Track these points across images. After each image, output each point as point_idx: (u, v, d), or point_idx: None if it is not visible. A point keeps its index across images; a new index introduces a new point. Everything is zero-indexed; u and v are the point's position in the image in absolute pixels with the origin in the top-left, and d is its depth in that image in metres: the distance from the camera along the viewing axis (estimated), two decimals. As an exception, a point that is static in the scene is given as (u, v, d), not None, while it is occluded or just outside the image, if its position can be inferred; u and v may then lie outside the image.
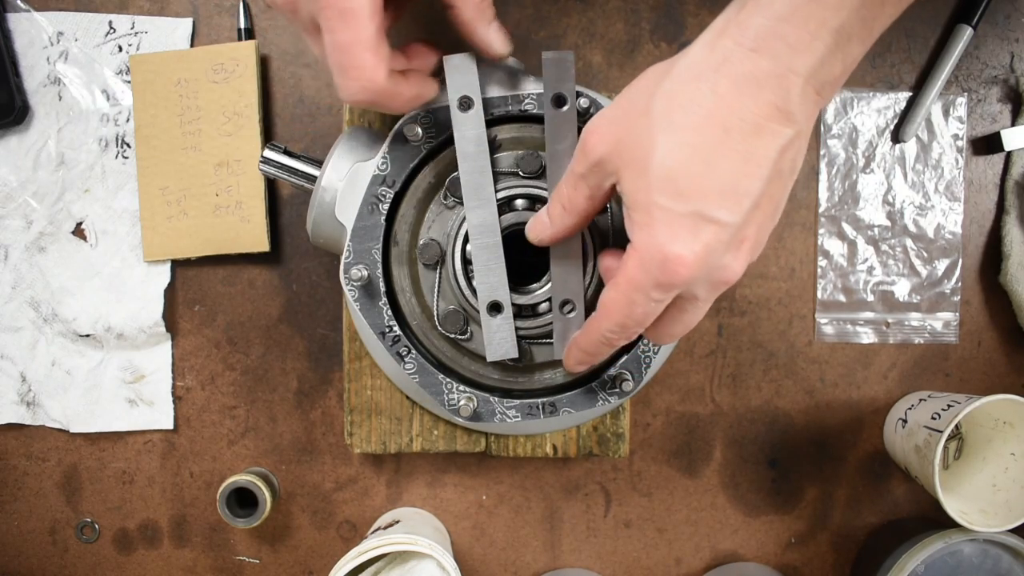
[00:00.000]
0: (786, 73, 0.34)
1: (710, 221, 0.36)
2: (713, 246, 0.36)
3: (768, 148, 0.35)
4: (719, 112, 0.35)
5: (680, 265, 0.36)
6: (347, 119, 0.58)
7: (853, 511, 0.65)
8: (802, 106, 0.35)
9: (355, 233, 0.47)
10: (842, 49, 0.35)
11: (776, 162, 0.36)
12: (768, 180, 0.36)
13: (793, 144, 0.36)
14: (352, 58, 0.40)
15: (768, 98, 0.35)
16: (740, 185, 0.35)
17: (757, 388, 0.64)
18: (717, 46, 0.35)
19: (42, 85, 0.61)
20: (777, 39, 0.34)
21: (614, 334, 0.40)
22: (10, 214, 0.61)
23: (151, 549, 0.64)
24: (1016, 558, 0.58)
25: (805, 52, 0.34)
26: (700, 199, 0.35)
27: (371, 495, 0.64)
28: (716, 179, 0.35)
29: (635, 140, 0.37)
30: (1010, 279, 0.62)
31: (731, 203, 0.36)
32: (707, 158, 0.35)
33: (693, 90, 0.35)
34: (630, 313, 0.39)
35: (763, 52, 0.34)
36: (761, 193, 0.36)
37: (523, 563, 0.65)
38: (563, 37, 0.62)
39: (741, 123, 0.35)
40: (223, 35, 0.61)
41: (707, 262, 0.36)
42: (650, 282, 0.37)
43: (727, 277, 0.38)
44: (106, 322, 0.61)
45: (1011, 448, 0.59)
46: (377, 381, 0.58)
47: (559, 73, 0.44)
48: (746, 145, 0.35)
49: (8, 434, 0.63)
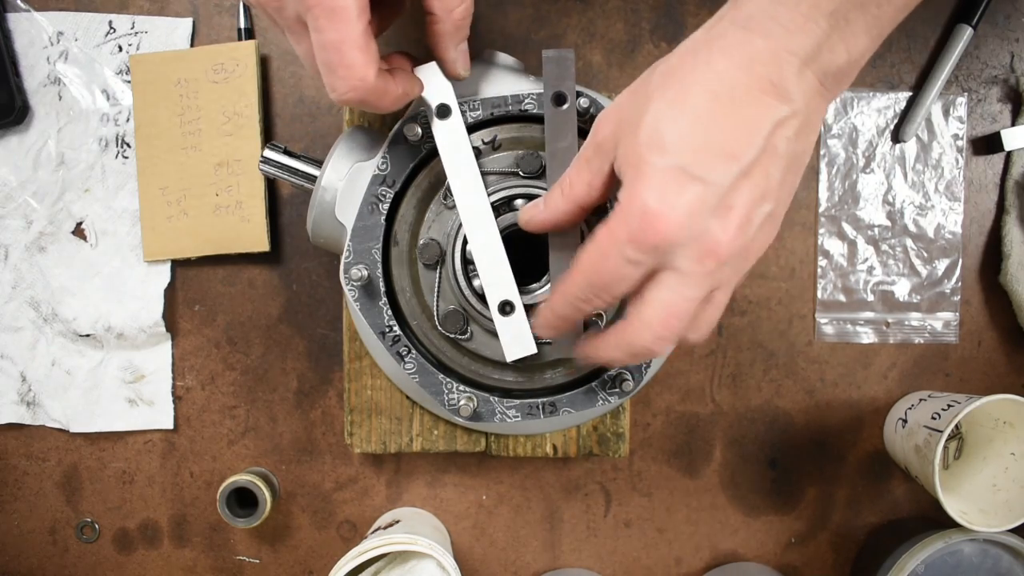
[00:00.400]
0: (780, 51, 0.34)
1: (694, 178, 0.35)
2: (696, 207, 0.35)
3: (760, 119, 0.35)
4: (711, 81, 0.35)
5: (658, 219, 0.35)
6: (347, 119, 0.58)
7: (853, 511, 0.65)
8: (800, 87, 0.35)
9: (355, 233, 0.47)
10: (842, 36, 0.35)
11: (769, 135, 0.35)
12: (761, 151, 0.35)
13: (789, 123, 0.35)
14: (342, 57, 0.40)
15: (761, 71, 0.35)
16: (728, 146, 0.35)
17: (757, 388, 0.64)
18: (715, 27, 0.36)
19: (42, 85, 0.61)
20: (771, 20, 0.34)
21: (583, 293, 0.38)
22: (10, 214, 0.61)
23: (151, 549, 0.64)
24: (1016, 558, 0.58)
25: (799, 33, 0.34)
26: (686, 154, 0.35)
27: (371, 495, 0.64)
28: (703, 137, 0.35)
29: (633, 112, 0.37)
30: (1010, 279, 0.62)
31: (718, 162, 0.35)
32: (696, 118, 0.35)
33: (688, 63, 0.36)
34: (601, 268, 0.37)
35: (757, 31, 0.35)
36: (752, 162, 0.35)
37: (523, 563, 0.65)
38: (563, 37, 0.62)
39: (732, 91, 0.35)
40: (223, 35, 0.61)
41: (689, 223, 0.35)
42: (626, 235, 0.35)
43: (710, 245, 0.35)
44: (106, 322, 0.61)
45: (1011, 448, 0.59)
46: (377, 381, 0.58)
47: (559, 71, 0.44)
48: (737, 111, 0.35)
49: (8, 434, 0.63)
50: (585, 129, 0.46)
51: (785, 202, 0.38)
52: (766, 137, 0.35)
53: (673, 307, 0.37)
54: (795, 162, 0.37)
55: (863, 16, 0.35)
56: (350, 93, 0.41)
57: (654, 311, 0.37)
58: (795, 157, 0.37)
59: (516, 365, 0.48)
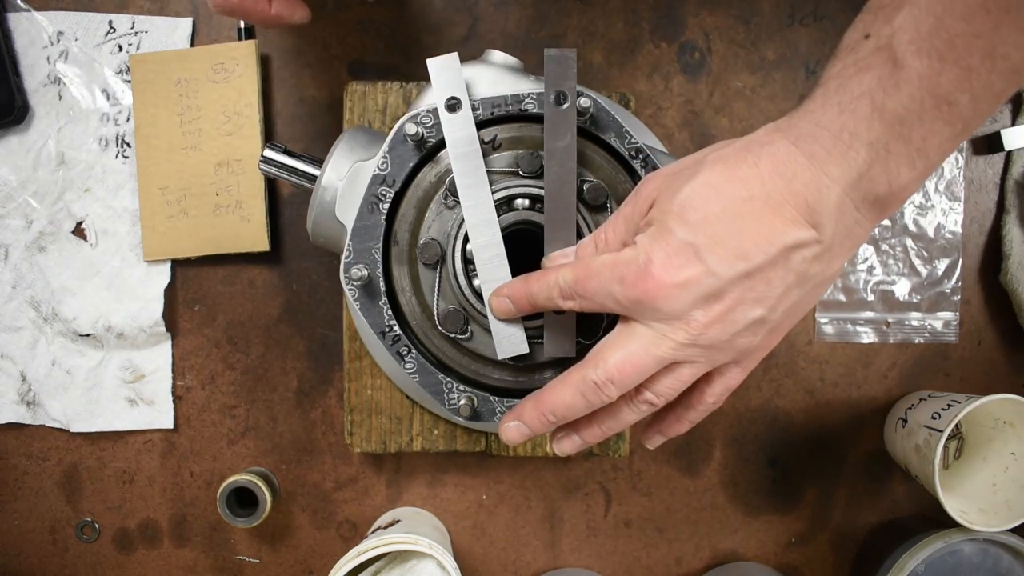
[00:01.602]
0: (821, 175, 0.35)
1: (700, 260, 0.36)
2: (691, 284, 0.36)
3: (781, 233, 0.36)
4: (752, 181, 0.36)
5: (653, 279, 0.37)
6: (347, 119, 0.58)
7: (853, 511, 0.65)
8: (833, 216, 0.36)
9: (355, 232, 0.47)
10: (884, 166, 0.35)
11: (785, 250, 0.36)
12: (770, 261, 0.36)
13: (810, 247, 0.36)
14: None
15: (800, 189, 0.35)
16: (741, 247, 0.36)
17: (757, 388, 0.64)
18: (772, 134, 0.37)
19: (42, 85, 0.61)
20: (815, 142, 0.35)
21: (559, 290, 0.40)
22: (10, 214, 0.61)
23: (151, 549, 0.64)
24: (1016, 558, 0.58)
25: (840, 160, 0.35)
26: (702, 237, 0.36)
27: (371, 494, 0.64)
28: (723, 230, 0.36)
29: (677, 181, 0.38)
30: (1010, 279, 0.62)
31: (726, 256, 0.36)
32: (725, 209, 0.36)
33: (739, 157, 0.37)
34: (584, 282, 0.39)
35: (801, 148, 0.36)
36: (757, 267, 0.36)
37: (523, 562, 0.65)
38: (563, 37, 0.62)
39: (767, 199, 0.36)
40: (223, 35, 0.61)
41: (677, 294, 0.37)
42: (619, 276, 0.38)
43: (687, 319, 0.37)
44: (106, 321, 0.61)
45: (1011, 448, 0.59)
46: (377, 381, 0.58)
47: (561, 70, 0.44)
48: (762, 218, 0.36)
49: (8, 434, 0.63)
50: (585, 129, 0.46)
51: (785, 314, 0.39)
52: (780, 251, 0.36)
53: (631, 359, 0.39)
54: (807, 281, 0.37)
55: (905, 148, 0.35)
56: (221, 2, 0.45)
57: (612, 354, 0.39)
58: (808, 277, 0.37)
59: (515, 365, 0.48)
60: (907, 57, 0.34)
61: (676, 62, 0.62)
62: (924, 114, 0.34)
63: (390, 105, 0.58)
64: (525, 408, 0.43)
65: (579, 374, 0.40)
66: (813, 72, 0.62)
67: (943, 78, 0.33)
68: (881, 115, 0.34)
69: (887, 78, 0.34)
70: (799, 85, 0.63)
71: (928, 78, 0.34)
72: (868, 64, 0.35)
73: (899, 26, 0.34)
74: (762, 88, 0.63)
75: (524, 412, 0.43)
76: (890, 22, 0.34)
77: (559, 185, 0.45)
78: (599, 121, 0.47)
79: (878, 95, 0.34)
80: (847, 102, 0.35)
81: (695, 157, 0.39)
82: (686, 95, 0.62)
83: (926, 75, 0.34)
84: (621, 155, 0.47)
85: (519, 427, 0.43)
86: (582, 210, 0.46)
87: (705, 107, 0.63)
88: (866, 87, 0.34)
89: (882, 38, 0.34)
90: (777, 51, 0.62)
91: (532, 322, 0.47)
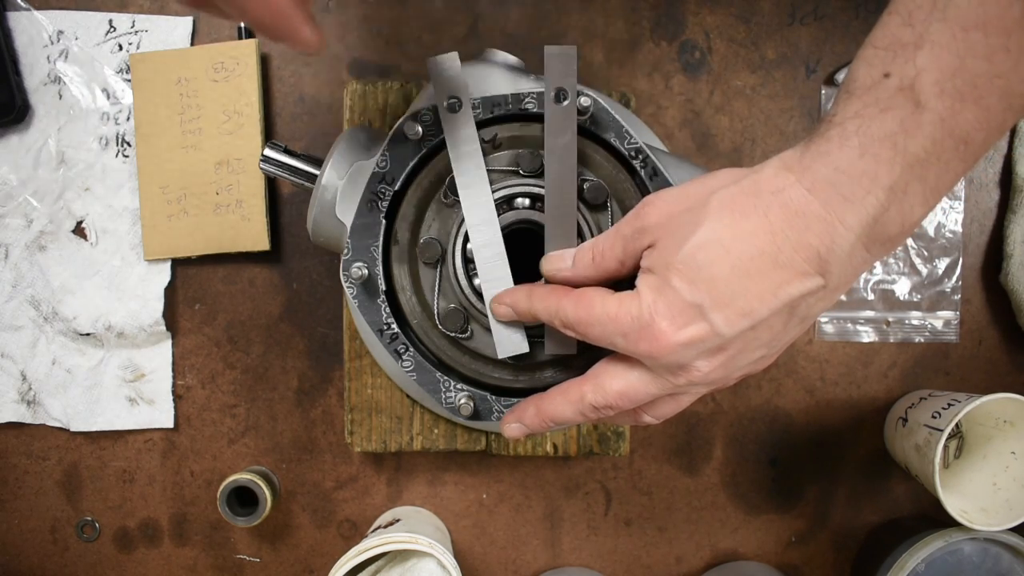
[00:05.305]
0: (836, 223, 0.34)
1: (705, 320, 0.36)
2: (695, 341, 0.37)
3: (791, 287, 0.36)
4: (762, 234, 0.35)
5: (657, 336, 0.37)
6: (347, 118, 0.58)
7: (853, 510, 0.65)
8: (845, 263, 0.35)
9: (354, 230, 0.47)
10: (900, 208, 0.34)
11: (793, 301, 0.36)
12: (776, 312, 0.36)
13: (816, 293, 0.36)
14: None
15: (811, 241, 0.35)
16: (748, 306, 0.36)
17: (757, 387, 0.64)
18: (783, 175, 0.36)
19: (42, 84, 0.61)
20: (832, 187, 0.34)
21: (558, 318, 0.41)
22: (10, 213, 0.61)
23: (151, 548, 0.64)
24: (1016, 557, 0.58)
25: (858, 206, 0.34)
26: (707, 299, 0.36)
27: (371, 494, 0.64)
28: (730, 293, 0.36)
29: (683, 220, 0.38)
30: (1011, 279, 0.62)
31: (732, 317, 0.36)
32: (732, 269, 0.36)
33: (750, 204, 0.36)
34: (585, 323, 0.39)
35: (817, 195, 0.35)
36: (763, 320, 0.36)
37: (523, 562, 0.65)
38: (563, 36, 0.62)
39: (777, 253, 0.35)
40: (223, 34, 0.61)
41: (681, 350, 0.37)
42: (622, 329, 0.38)
43: (689, 369, 0.38)
44: (106, 321, 0.61)
45: (1011, 447, 0.59)
46: (377, 380, 0.58)
47: (562, 67, 0.44)
48: (771, 275, 0.35)
49: (8, 433, 0.63)
50: (585, 128, 0.46)
51: (782, 346, 0.39)
52: (786, 303, 0.36)
53: (631, 391, 0.40)
54: (806, 321, 0.38)
55: (922, 187, 0.34)
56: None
57: (613, 383, 0.40)
58: (810, 316, 0.38)
59: (515, 364, 0.48)
60: (930, 99, 0.33)
61: (676, 61, 0.62)
62: (943, 154, 0.33)
63: (390, 105, 0.58)
64: (527, 412, 0.44)
65: (579, 392, 0.41)
66: (813, 71, 0.62)
67: (961, 118, 0.33)
68: (904, 158, 0.33)
69: (909, 119, 0.33)
70: (799, 84, 0.63)
71: (948, 119, 0.33)
72: (889, 105, 0.34)
73: (923, 66, 0.33)
74: (762, 87, 0.62)
75: (526, 415, 0.44)
76: (912, 61, 0.33)
77: (559, 183, 0.45)
78: (599, 120, 0.46)
79: (900, 138, 0.33)
80: (868, 144, 0.34)
81: (699, 192, 0.38)
82: (686, 94, 0.62)
83: (947, 116, 0.33)
84: (621, 154, 0.47)
85: (520, 427, 0.44)
86: (582, 209, 0.46)
87: (705, 106, 0.63)
88: (888, 130, 0.33)
89: (905, 79, 0.33)
90: (777, 50, 0.62)
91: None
